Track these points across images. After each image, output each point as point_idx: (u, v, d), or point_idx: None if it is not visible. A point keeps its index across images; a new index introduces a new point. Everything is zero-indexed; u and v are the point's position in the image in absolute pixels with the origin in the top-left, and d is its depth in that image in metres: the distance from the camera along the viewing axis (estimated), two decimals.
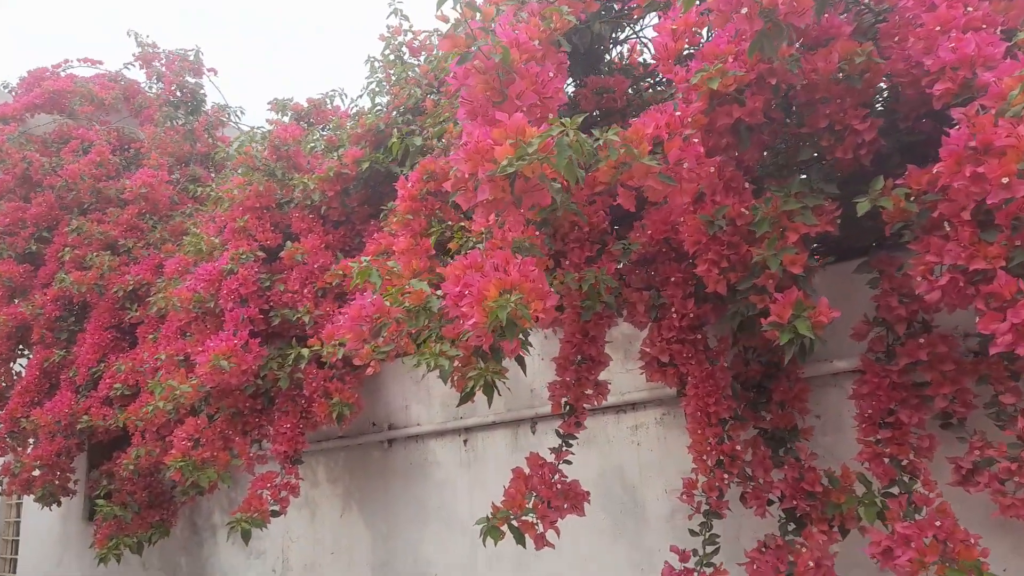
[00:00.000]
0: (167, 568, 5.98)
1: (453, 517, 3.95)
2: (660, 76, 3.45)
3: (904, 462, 2.29)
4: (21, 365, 6.62)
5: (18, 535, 8.79)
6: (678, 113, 2.09)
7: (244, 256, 4.27)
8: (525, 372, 2.57)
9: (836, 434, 2.71)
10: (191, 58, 7.97)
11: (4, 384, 6.33)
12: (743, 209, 2.38)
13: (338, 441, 4.66)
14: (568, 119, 1.64)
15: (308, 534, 4.77)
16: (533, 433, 3.68)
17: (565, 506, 2.50)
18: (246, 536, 3.64)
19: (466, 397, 2.45)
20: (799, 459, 2.51)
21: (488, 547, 3.77)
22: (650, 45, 3.44)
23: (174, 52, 8.06)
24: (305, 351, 3.76)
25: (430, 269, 3.23)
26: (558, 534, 2.48)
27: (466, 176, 1.83)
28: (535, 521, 2.45)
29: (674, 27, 2.46)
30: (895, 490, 2.28)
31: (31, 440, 6.05)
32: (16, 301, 6.59)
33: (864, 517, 2.26)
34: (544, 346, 3.70)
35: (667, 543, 3.08)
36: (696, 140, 2.07)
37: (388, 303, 2.63)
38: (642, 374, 3.21)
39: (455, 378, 2.56)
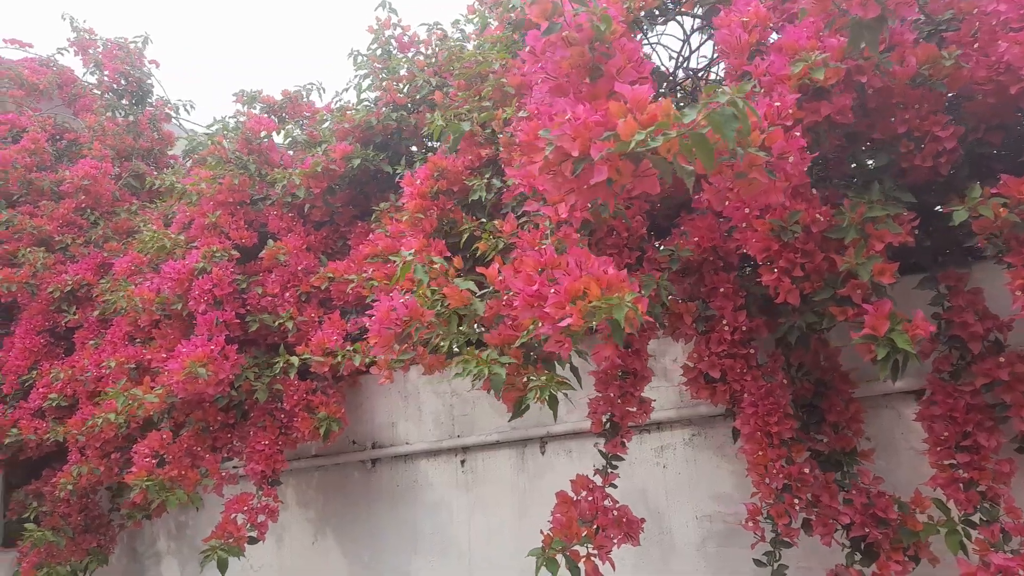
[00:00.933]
0: None
1: (449, 543, 3.65)
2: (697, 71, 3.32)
3: (982, 488, 2.17)
4: None
5: None
6: (777, 104, 1.92)
7: (218, 255, 3.87)
8: (581, 384, 2.33)
9: (890, 458, 2.58)
10: (132, 47, 7.41)
11: None
12: (818, 215, 2.23)
13: (311, 460, 4.28)
14: (734, 86, 1.44)
15: (273, 562, 4.35)
16: (543, 454, 3.43)
17: (619, 535, 2.26)
18: (223, 566, 3.23)
19: (520, 411, 2.19)
20: (861, 484, 2.37)
21: (490, 574, 3.50)
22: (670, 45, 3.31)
23: (113, 40, 7.47)
24: (294, 359, 3.41)
25: (445, 272, 2.97)
26: (614, 567, 2.24)
27: (574, 155, 1.60)
28: (591, 552, 2.20)
29: (745, 19, 2.31)
30: (976, 518, 2.16)
31: None
32: None
33: (948, 546, 2.12)
34: None
35: (697, 573, 2.89)
36: (798, 133, 1.90)
37: (422, 305, 2.36)
38: (678, 389, 3.03)
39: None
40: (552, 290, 1.82)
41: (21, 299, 5.49)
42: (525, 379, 2.24)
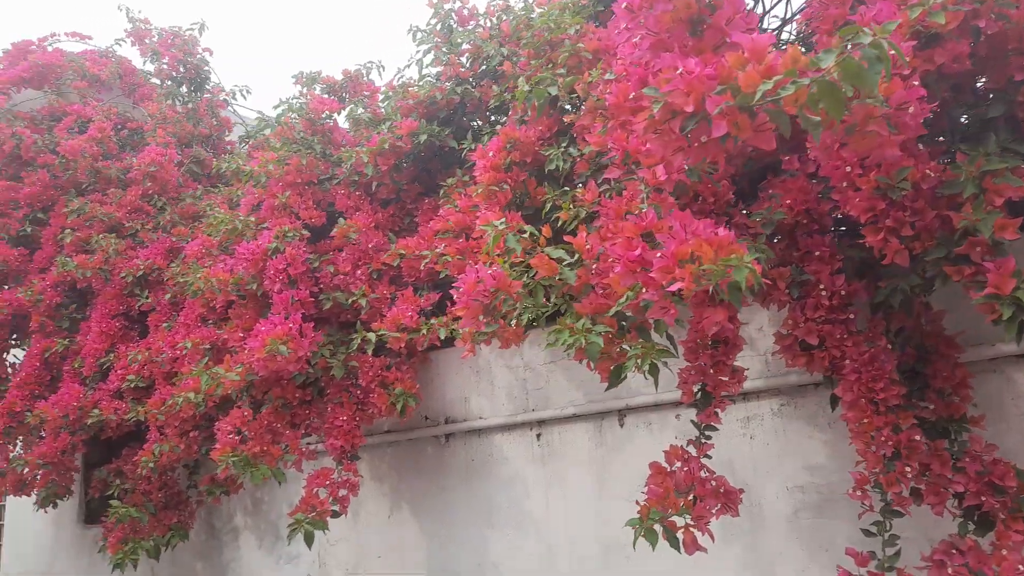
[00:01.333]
0: (180, 574, 5.57)
1: (525, 517, 3.64)
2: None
3: None
4: (16, 356, 6.13)
5: (0, 539, 8.24)
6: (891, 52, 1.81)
7: (289, 234, 3.90)
8: (678, 352, 2.27)
9: (999, 424, 2.47)
10: (188, 35, 7.48)
11: None
12: (928, 171, 2.12)
13: (384, 436, 4.32)
14: (877, 26, 1.35)
15: (350, 536, 4.42)
16: (621, 426, 3.39)
17: (718, 506, 2.21)
18: (309, 539, 3.29)
19: (618, 380, 2.14)
20: (974, 451, 2.26)
21: (569, 548, 3.49)
22: None
23: (168, 29, 7.56)
24: (371, 335, 3.42)
25: (535, 242, 2.93)
26: (712, 539, 2.19)
27: (688, 111, 1.53)
28: (689, 523, 2.16)
29: None
30: None
31: (20, 439, 5.57)
32: (8, 287, 6.10)
33: None
34: None
35: (789, 545, 2.83)
36: (916, 83, 1.80)
37: (510, 276, 2.33)
38: (764, 358, 2.95)
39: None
40: (657, 254, 1.76)
41: (96, 284, 5.65)
42: (619, 348, 2.19)
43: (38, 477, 5.54)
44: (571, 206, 2.74)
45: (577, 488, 3.50)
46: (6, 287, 6.10)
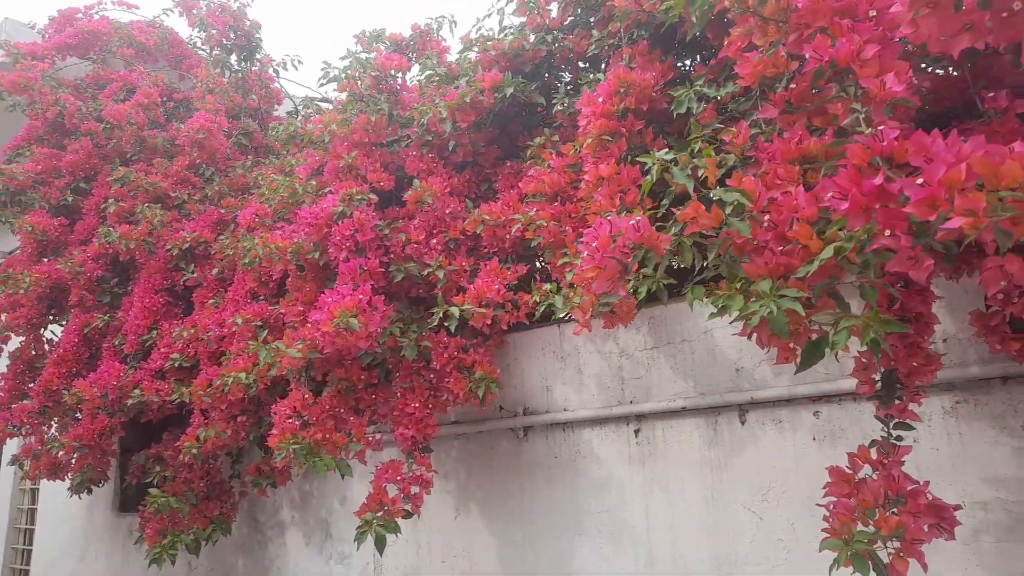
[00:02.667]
0: (218, 570, 5.20)
1: (621, 527, 3.18)
2: None
3: None
4: (53, 333, 5.82)
5: (33, 523, 7.99)
6: None
7: (357, 197, 3.48)
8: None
9: None
10: (236, 6, 7.13)
11: (34, 353, 5.51)
12: None
13: (451, 428, 3.88)
14: None
15: (409, 536, 3.99)
16: (742, 424, 2.90)
17: (927, 526, 1.72)
18: (381, 543, 2.86)
19: (813, 358, 1.67)
20: None
21: (673, 563, 3.01)
22: None
23: (217, 1, 7.22)
24: (455, 310, 2.98)
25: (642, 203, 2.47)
26: (925, 568, 1.70)
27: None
28: (897, 547, 1.67)
29: None
30: None
31: (54, 420, 5.25)
32: (46, 260, 5.79)
33: None
34: None
35: (966, 571, 2.32)
36: None
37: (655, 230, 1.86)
38: (939, 344, 2.45)
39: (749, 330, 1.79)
40: (918, 181, 1.28)
41: (139, 257, 5.31)
42: (808, 321, 1.71)
43: (73, 460, 5.22)
44: (711, 152, 2.26)
45: (684, 494, 3.02)
46: (45, 260, 5.80)
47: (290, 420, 3.16)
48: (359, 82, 3.87)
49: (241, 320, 4.11)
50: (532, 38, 3.70)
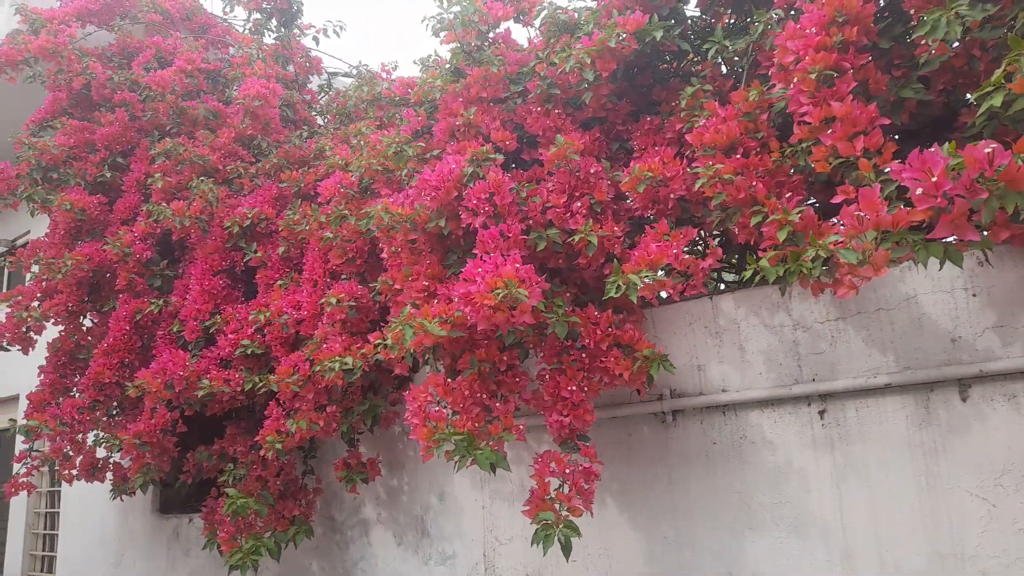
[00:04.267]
0: (292, 574, 4.79)
1: (806, 519, 2.84)
2: None
3: None
4: (90, 320, 5.35)
5: (54, 528, 7.49)
6: None
7: (486, 157, 3.09)
8: None
9: None
10: None
11: (76, 343, 5.04)
12: None
13: None
14: None
15: (527, 534, 3.61)
16: (963, 401, 2.57)
17: None
18: (567, 550, 2.50)
19: None
20: None
21: (879, 556, 2.68)
22: None
23: None
24: (634, 278, 2.60)
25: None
26: None
27: None
28: None
29: None
30: None
31: (100, 415, 4.80)
32: (82, 242, 5.31)
33: None
34: (974, 277, 2.60)
35: None
36: None
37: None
38: None
39: None
40: None
41: (193, 237, 4.87)
42: None
43: (117, 460, 4.78)
44: (1001, 82, 1.90)
45: (889, 481, 2.69)
46: (81, 241, 5.32)
47: (434, 407, 2.77)
48: (471, 33, 3.46)
49: (335, 300, 3.70)
50: None
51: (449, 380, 2.89)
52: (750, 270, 2.45)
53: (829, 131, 2.27)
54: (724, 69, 3.37)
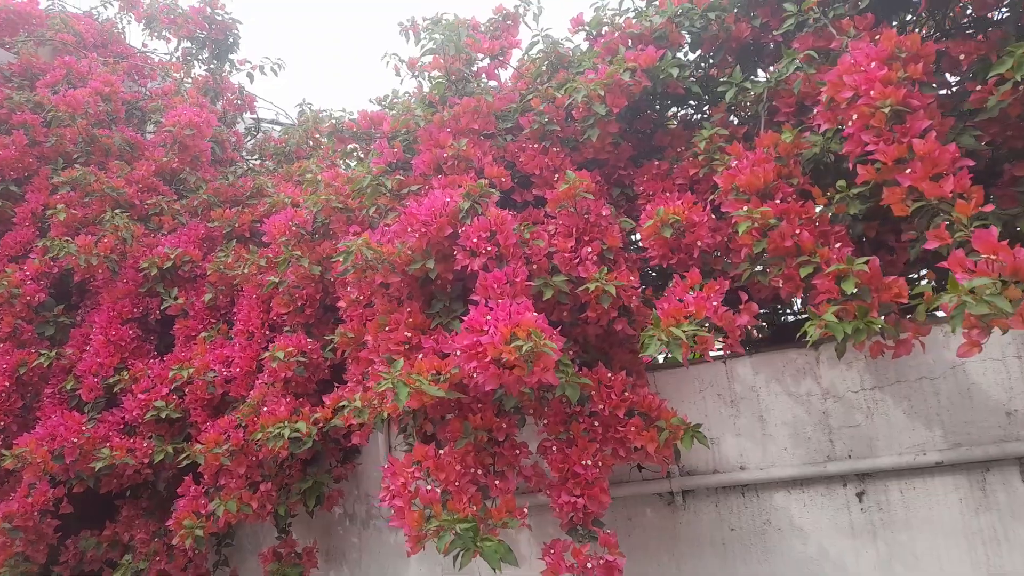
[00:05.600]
0: None
1: None
2: None
3: None
4: None
5: None
6: None
7: (484, 192, 2.69)
8: None
9: None
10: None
11: None
12: None
13: None
14: None
15: None
16: None
17: None
18: None
19: None
20: None
21: None
22: None
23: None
24: (678, 331, 2.22)
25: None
26: None
27: None
28: None
29: None
30: None
31: None
32: None
33: None
34: None
35: None
36: None
37: None
38: None
39: None
40: None
41: (100, 278, 4.16)
42: None
43: None
44: None
45: (942, 571, 2.37)
46: None
47: (426, 486, 2.24)
48: (460, 59, 3.11)
49: (282, 354, 3.13)
50: (693, 13, 3.08)
51: (441, 452, 2.37)
52: (811, 326, 2.13)
53: (908, 171, 2.02)
54: (734, 119, 3.16)
